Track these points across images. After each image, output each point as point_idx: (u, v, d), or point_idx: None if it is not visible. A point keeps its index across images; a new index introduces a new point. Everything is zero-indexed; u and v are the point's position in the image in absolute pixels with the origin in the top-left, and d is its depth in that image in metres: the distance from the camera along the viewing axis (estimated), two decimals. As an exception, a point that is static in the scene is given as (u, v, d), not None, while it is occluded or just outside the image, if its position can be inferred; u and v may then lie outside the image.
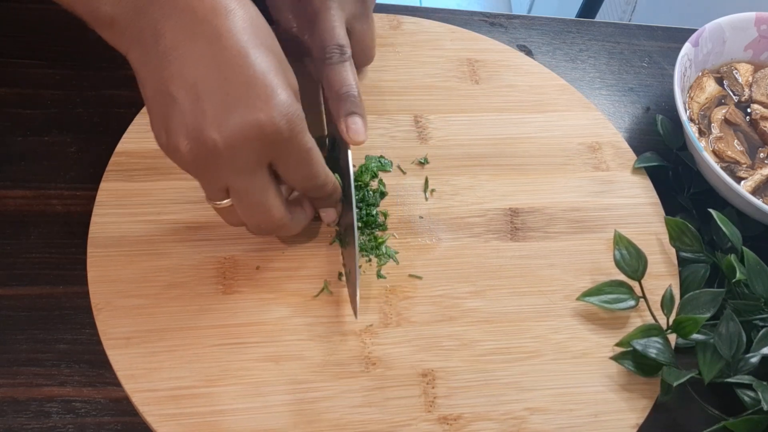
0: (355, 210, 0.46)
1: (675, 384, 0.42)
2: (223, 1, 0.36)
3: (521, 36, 0.65)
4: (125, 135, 0.50)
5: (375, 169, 0.52)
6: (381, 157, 0.53)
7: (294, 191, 0.45)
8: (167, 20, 0.36)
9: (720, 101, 0.59)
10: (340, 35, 0.47)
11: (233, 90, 0.35)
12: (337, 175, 0.46)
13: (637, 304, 0.47)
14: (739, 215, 0.52)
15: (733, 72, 0.61)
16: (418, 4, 0.98)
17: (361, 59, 0.53)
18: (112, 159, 0.49)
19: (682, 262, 0.51)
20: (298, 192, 0.44)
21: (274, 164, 0.39)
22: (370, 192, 0.50)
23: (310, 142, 0.39)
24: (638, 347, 0.44)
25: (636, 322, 0.48)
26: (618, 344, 0.46)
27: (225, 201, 0.40)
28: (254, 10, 0.38)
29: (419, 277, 0.48)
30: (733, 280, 0.46)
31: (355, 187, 0.50)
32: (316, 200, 0.45)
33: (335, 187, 0.45)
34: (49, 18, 0.56)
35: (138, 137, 0.50)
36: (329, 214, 0.46)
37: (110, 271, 0.45)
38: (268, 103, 0.36)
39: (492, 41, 0.62)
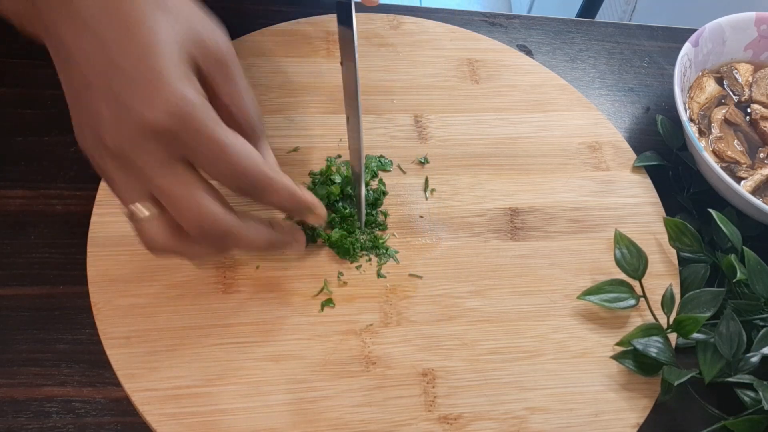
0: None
1: (675, 383, 0.42)
2: None
3: (521, 36, 0.65)
4: (125, 135, 0.50)
5: (375, 168, 0.52)
6: (381, 156, 0.53)
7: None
8: (60, 18, 0.33)
9: (720, 101, 0.59)
10: None
11: (123, 90, 0.33)
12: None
13: (637, 303, 0.47)
14: (739, 215, 0.52)
15: (733, 72, 0.61)
16: (418, 4, 0.98)
17: None
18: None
19: (682, 262, 0.51)
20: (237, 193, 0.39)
21: (189, 157, 0.35)
22: (371, 192, 0.50)
23: (221, 133, 0.34)
24: (638, 346, 0.44)
25: (636, 321, 0.48)
26: (618, 344, 0.46)
27: (145, 211, 0.36)
28: None
29: (419, 277, 0.48)
30: (734, 280, 0.46)
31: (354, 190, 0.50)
32: (254, 198, 0.39)
33: (296, 198, 0.39)
34: (49, 18, 0.56)
35: (138, 137, 0.50)
36: (313, 219, 0.43)
37: (110, 271, 0.45)
38: (160, 98, 0.32)
39: (492, 41, 0.62)
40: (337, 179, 0.50)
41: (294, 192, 0.39)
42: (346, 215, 0.48)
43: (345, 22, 0.43)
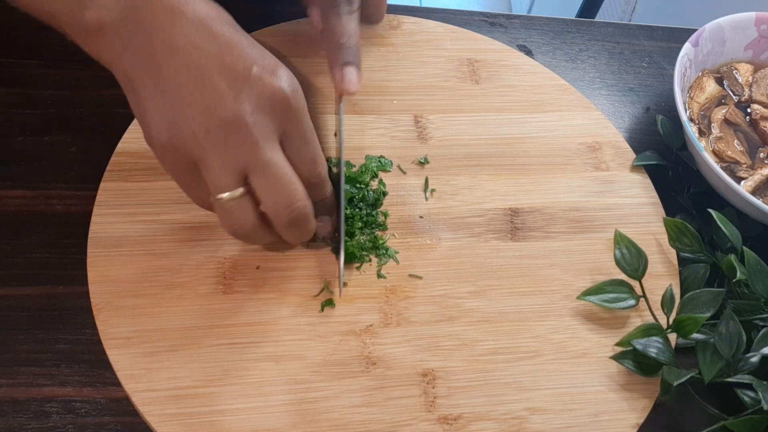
0: (343, 170, 0.48)
1: (675, 383, 0.42)
2: (208, 5, 0.38)
3: (521, 36, 0.65)
4: (125, 135, 0.50)
5: (375, 169, 0.52)
6: (381, 157, 0.53)
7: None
8: (158, 21, 0.36)
9: (720, 101, 0.59)
10: None
11: (239, 66, 0.37)
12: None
13: (637, 304, 0.47)
14: (739, 215, 0.52)
15: (733, 72, 0.61)
16: (418, 4, 0.98)
17: (373, 15, 0.52)
18: (112, 159, 0.49)
19: (682, 262, 0.51)
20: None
21: (283, 141, 0.39)
22: (371, 192, 0.50)
23: (310, 121, 0.41)
24: (638, 347, 0.44)
25: (636, 321, 0.48)
26: (618, 344, 0.46)
27: (231, 193, 0.38)
28: (228, 15, 0.40)
29: (419, 277, 0.48)
30: (734, 280, 0.46)
31: (356, 187, 0.50)
32: (311, 191, 0.42)
33: (329, 193, 0.45)
34: (49, 18, 0.56)
35: (138, 137, 0.50)
36: (325, 225, 0.46)
37: (110, 271, 0.45)
38: (275, 74, 0.38)
39: (492, 41, 0.62)
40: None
41: (328, 193, 0.45)
42: (347, 216, 0.48)
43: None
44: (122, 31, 0.37)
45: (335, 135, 0.51)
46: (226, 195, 0.38)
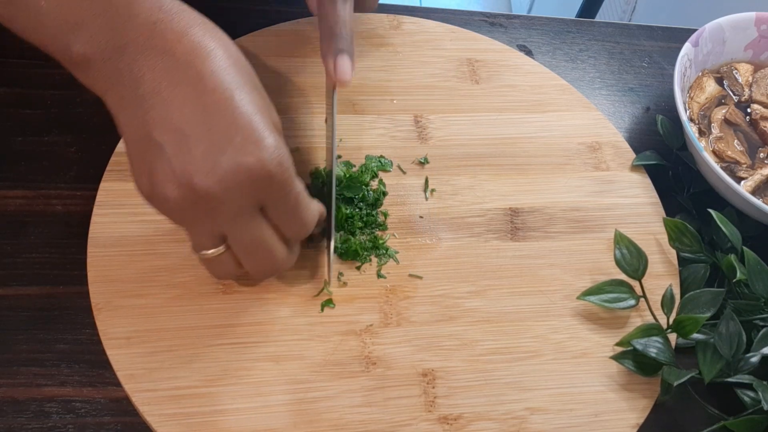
0: (335, 160, 0.48)
1: (675, 383, 0.42)
2: (203, 42, 0.35)
3: (521, 36, 0.65)
4: (125, 135, 0.50)
5: (375, 169, 0.52)
6: (381, 157, 0.53)
7: None
8: (145, 62, 0.34)
9: (720, 101, 0.59)
10: None
11: (220, 133, 0.34)
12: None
13: (637, 304, 0.47)
14: (739, 215, 0.52)
15: (733, 72, 0.61)
16: (418, 4, 0.98)
17: (368, 2, 0.52)
18: (112, 159, 0.49)
19: (682, 262, 0.51)
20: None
21: (265, 210, 0.38)
22: (371, 192, 0.50)
23: (299, 186, 0.38)
24: (638, 347, 0.44)
25: (636, 321, 0.48)
26: (618, 344, 0.46)
27: (213, 250, 0.38)
28: (234, 49, 0.37)
29: (419, 277, 0.48)
30: (734, 280, 0.46)
31: (356, 187, 0.50)
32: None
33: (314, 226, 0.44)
34: (49, 18, 0.56)
35: (138, 137, 0.50)
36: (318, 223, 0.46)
37: (110, 271, 0.45)
38: (257, 146, 0.35)
39: (492, 41, 0.62)
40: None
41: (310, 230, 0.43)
42: (347, 216, 0.48)
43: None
44: (109, 68, 0.35)
45: (325, 121, 0.49)
46: (206, 252, 0.39)
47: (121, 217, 0.47)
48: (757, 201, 0.49)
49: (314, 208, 0.41)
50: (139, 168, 0.36)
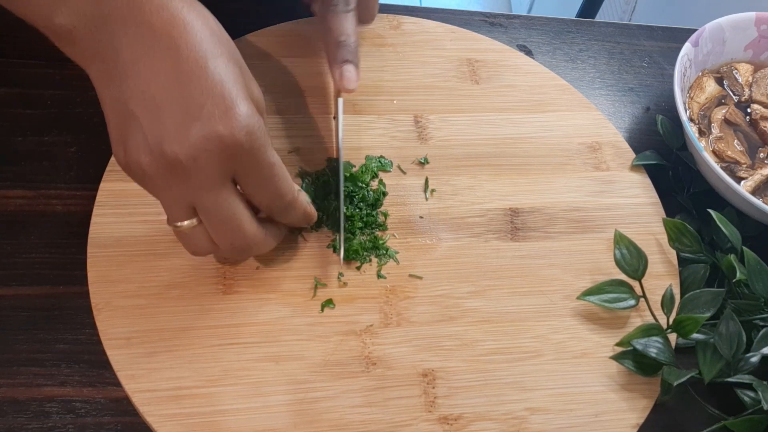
0: (341, 158, 0.48)
1: (675, 383, 0.42)
2: (181, 14, 0.35)
3: (521, 36, 0.65)
4: (125, 135, 0.50)
5: (375, 169, 0.52)
6: (381, 157, 0.53)
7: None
8: (125, 34, 0.35)
9: (720, 101, 0.59)
10: None
11: (192, 102, 0.34)
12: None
13: (637, 304, 0.47)
14: (739, 215, 0.52)
15: (733, 72, 0.61)
16: (418, 4, 0.98)
17: (364, 16, 0.52)
18: (112, 159, 0.49)
19: (682, 262, 0.51)
20: (264, 214, 0.42)
21: (237, 180, 0.38)
22: (371, 192, 0.50)
23: (274, 157, 0.38)
24: (638, 347, 0.44)
25: (636, 321, 0.48)
26: (618, 344, 0.46)
27: (187, 222, 0.38)
28: (213, 21, 0.37)
29: (419, 277, 0.48)
30: (734, 280, 0.46)
31: (357, 187, 0.50)
32: (278, 216, 0.43)
33: (305, 213, 0.43)
34: (49, 18, 0.56)
35: (138, 137, 0.50)
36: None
37: (110, 271, 0.45)
38: (227, 115, 0.35)
39: (492, 41, 0.62)
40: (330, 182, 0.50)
41: (306, 211, 0.43)
42: (347, 216, 0.48)
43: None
44: (90, 40, 0.35)
45: (334, 118, 0.49)
46: (178, 224, 0.39)
47: (121, 217, 0.47)
48: (757, 201, 0.49)
49: (290, 181, 0.40)
50: (116, 138, 0.36)
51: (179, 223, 0.38)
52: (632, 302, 0.47)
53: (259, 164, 0.37)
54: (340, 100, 0.48)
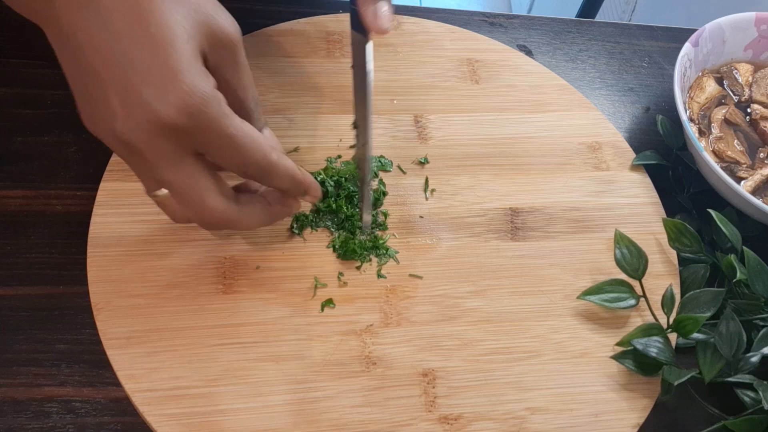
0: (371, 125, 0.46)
1: (675, 383, 0.42)
2: None
3: (521, 36, 0.65)
4: (125, 135, 0.50)
5: (375, 169, 0.52)
6: (381, 157, 0.53)
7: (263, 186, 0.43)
8: (70, 6, 0.33)
9: (720, 101, 0.59)
10: None
11: (130, 83, 0.33)
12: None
13: (637, 303, 0.47)
14: (739, 215, 0.52)
15: (733, 72, 0.61)
16: (418, 4, 0.98)
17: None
18: (112, 159, 0.49)
19: (682, 262, 0.51)
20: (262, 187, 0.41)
21: (200, 150, 0.36)
22: (371, 192, 0.50)
23: (231, 126, 0.35)
24: (639, 346, 0.44)
25: (636, 321, 0.48)
26: (618, 343, 0.46)
27: (159, 192, 0.37)
28: None
29: (419, 277, 0.48)
30: (734, 280, 0.46)
31: (357, 187, 0.50)
32: (258, 179, 0.40)
33: (293, 179, 0.40)
34: (49, 18, 0.56)
35: (138, 137, 0.50)
36: (309, 199, 0.44)
37: (110, 271, 0.45)
38: (165, 95, 0.32)
39: (492, 41, 0.62)
40: (330, 187, 0.49)
41: (295, 175, 0.40)
42: (348, 216, 0.48)
43: (357, 27, 0.43)
44: (44, 6, 0.33)
45: (352, 67, 0.46)
46: (154, 194, 0.38)
47: (121, 217, 0.47)
48: (757, 201, 0.49)
49: (263, 145, 0.37)
50: (80, 108, 0.35)
51: (153, 193, 0.37)
52: (632, 302, 0.47)
53: (216, 137, 0.35)
54: (370, 45, 0.43)
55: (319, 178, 0.50)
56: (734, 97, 0.59)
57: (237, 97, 0.38)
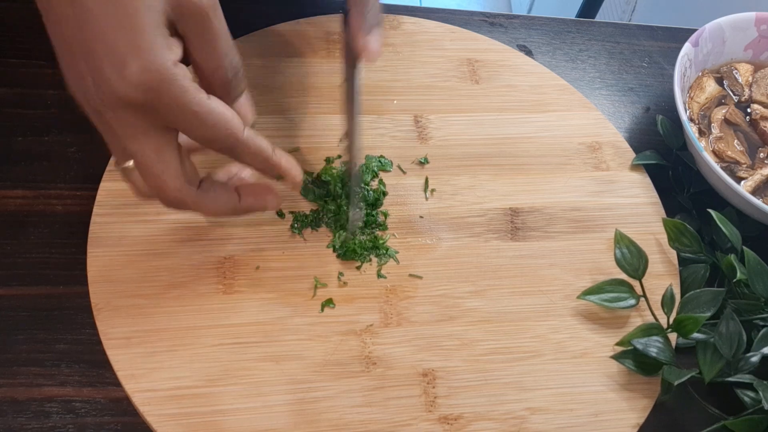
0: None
1: (675, 383, 0.42)
2: None
3: (521, 36, 0.65)
4: (125, 135, 0.50)
5: (375, 169, 0.52)
6: (381, 157, 0.53)
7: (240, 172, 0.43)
8: None
9: (720, 101, 0.59)
10: None
11: (93, 56, 0.33)
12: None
13: (637, 303, 0.47)
14: (739, 215, 0.52)
15: (733, 72, 0.61)
16: (418, 4, 0.98)
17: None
18: (112, 159, 0.49)
19: (682, 262, 0.51)
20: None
21: (172, 126, 0.36)
22: (371, 192, 0.50)
23: (194, 102, 0.34)
24: (639, 346, 0.44)
25: (636, 321, 0.48)
26: (618, 343, 0.46)
27: (128, 164, 0.37)
28: None
29: (419, 277, 0.48)
30: (734, 280, 0.46)
31: (357, 186, 0.50)
32: (259, 171, 0.40)
33: (264, 158, 0.39)
34: (49, 18, 0.56)
35: (138, 137, 0.50)
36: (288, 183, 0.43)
37: (110, 271, 0.45)
38: (124, 71, 0.32)
39: (492, 41, 0.62)
40: (338, 189, 0.50)
41: (265, 155, 0.39)
42: (348, 216, 0.48)
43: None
44: None
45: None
46: (122, 166, 0.37)
47: (121, 217, 0.47)
48: (757, 201, 0.49)
49: (231, 120, 0.36)
50: (62, 70, 0.35)
51: (121, 165, 0.37)
52: (632, 302, 0.47)
53: (179, 113, 0.34)
54: (357, 73, 0.45)
55: (323, 178, 0.50)
56: (734, 97, 0.59)
57: (209, 66, 0.37)
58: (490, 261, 0.49)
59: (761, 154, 0.56)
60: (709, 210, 0.49)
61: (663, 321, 0.46)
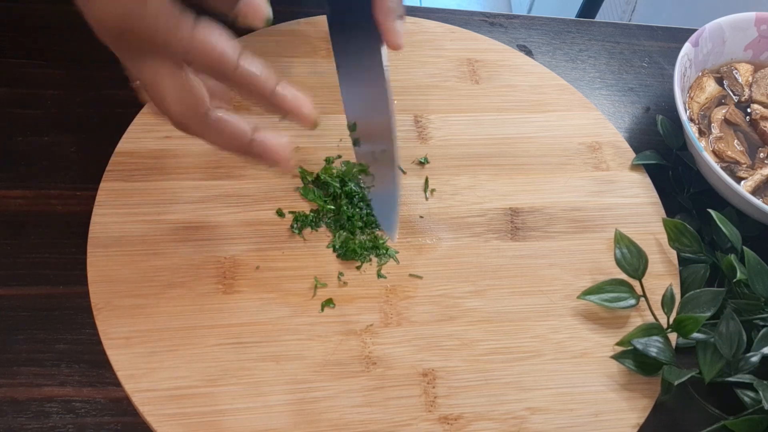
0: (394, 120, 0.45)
1: (675, 383, 0.42)
2: None
3: (521, 36, 0.65)
4: (125, 135, 0.50)
5: (375, 169, 0.52)
6: (381, 157, 0.53)
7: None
8: None
9: (720, 101, 0.59)
10: None
11: None
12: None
13: (637, 303, 0.47)
14: (739, 215, 0.52)
15: (733, 72, 0.61)
16: (418, 4, 0.98)
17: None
18: (112, 159, 0.49)
19: (682, 262, 0.51)
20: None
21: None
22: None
23: (179, 30, 0.34)
24: (639, 346, 0.44)
25: (636, 321, 0.48)
26: (618, 343, 0.46)
27: (138, 82, 0.37)
28: None
29: (419, 277, 0.48)
30: (734, 280, 0.46)
31: (357, 187, 0.50)
32: (259, 104, 0.39)
33: (258, 87, 0.38)
34: (49, 18, 0.56)
35: (138, 137, 0.50)
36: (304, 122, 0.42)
37: (110, 271, 0.45)
38: (108, 2, 0.33)
39: (492, 41, 0.62)
40: (337, 189, 0.49)
41: (268, 88, 0.38)
42: (348, 216, 0.48)
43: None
44: None
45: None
46: (134, 84, 0.37)
47: (121, 217, 0.47)
48: (757, 201, 0.49)
49: (211, 41, 0.35)
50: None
51: (134, 84, 0.37)
52: (632, 302, 0.47)
53: (166, 42, 0.34)
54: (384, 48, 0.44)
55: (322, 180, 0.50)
56: (734, 97, 0.59)
57: None
58: (490, 261, 0.49)
59: (761, 154, 0.56)
60: (709, 210, 0.49)
61: (663, 321, 0.46)
